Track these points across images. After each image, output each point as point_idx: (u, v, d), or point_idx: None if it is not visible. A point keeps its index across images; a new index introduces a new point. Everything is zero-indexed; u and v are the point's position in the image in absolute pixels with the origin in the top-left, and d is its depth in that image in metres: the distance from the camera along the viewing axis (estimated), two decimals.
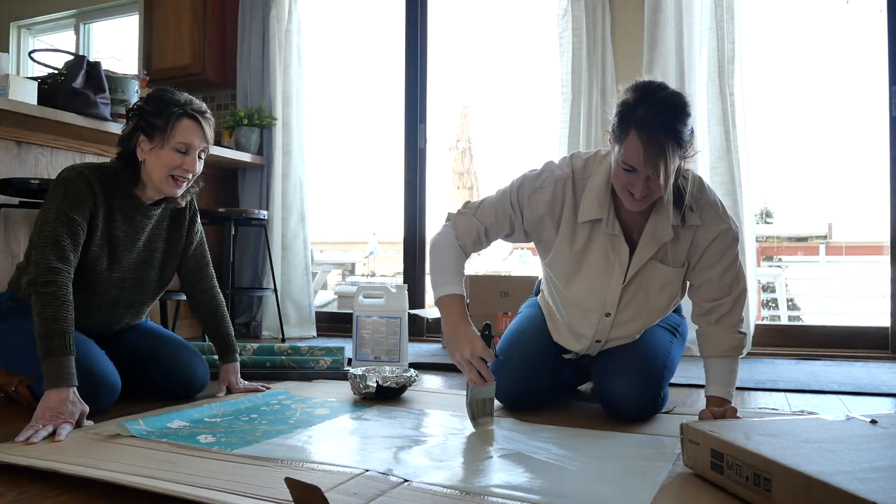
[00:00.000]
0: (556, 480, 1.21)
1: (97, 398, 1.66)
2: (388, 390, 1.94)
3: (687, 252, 1.63)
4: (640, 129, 1.42)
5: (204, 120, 1.79)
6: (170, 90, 1.80)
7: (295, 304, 3.70)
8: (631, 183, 1.48)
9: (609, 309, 1.69)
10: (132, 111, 1.80)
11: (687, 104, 1.47)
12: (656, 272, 1.65)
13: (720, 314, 1.62)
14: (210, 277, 2.07)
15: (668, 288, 1.67)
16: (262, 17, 3.81)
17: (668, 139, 1.41)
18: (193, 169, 1.79)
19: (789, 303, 5.44)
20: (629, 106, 1.46)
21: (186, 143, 1.76)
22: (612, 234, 1.62)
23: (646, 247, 1.62)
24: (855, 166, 4.72)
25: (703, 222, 1.60)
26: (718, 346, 1.61)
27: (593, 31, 3.15)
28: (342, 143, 5.39)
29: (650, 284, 1.66)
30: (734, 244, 1.62)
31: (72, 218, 1.70)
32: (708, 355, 1.63)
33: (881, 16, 2.98)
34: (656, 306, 1.70)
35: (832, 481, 0.92)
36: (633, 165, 1.45)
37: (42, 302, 1.59)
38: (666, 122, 1.42)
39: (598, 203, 1.61)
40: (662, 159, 1.42)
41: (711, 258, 1.62)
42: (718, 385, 1.60)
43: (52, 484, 1.21)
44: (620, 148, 1.46)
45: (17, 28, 4.96)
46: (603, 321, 1.71)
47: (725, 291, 1.62)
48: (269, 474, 1.20)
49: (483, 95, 6.08)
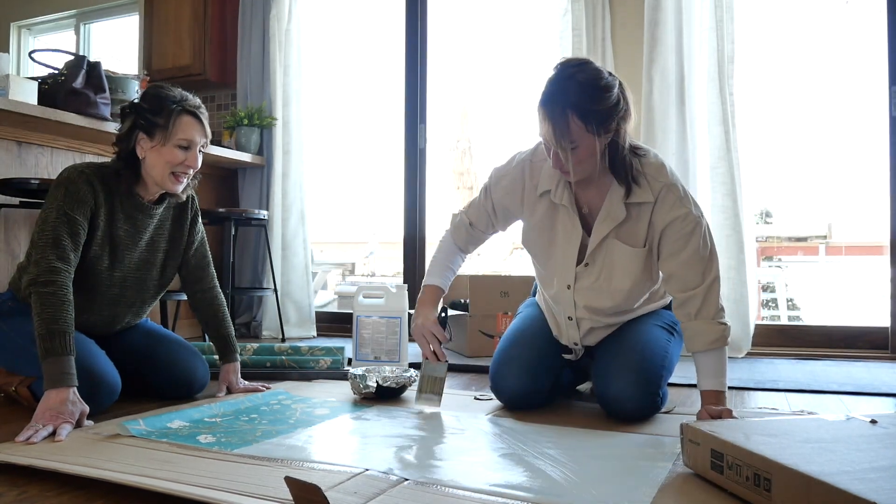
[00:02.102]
0: (556, 480, 1.21)
1: (97, 398, 1.66)
2: (388, 390, 1.94)
3: (646, 232, 1.65)
4: (544, 105, 1.52)
5: (202, 115, 1.81)
6: (164, 86, 1.80)
7: (295, 304, 3.70)
8: (552, 157, 1.58)
9: (569, 281, 1.73)
10: (127, 110, 1.80)
11: (598, 78, 1.52)
12: (616, 250, 1.68)
13: (696, 307, 1.61)
14: (211, 277, 2.07)
15: (630, 268, 1.67)
16: (262, 17, 3.81)
17: (569, 112, 1.48)
18: (195, 164, 1.80)
19: (789, 303, 5.44)
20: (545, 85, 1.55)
21: (188, 140, 1.77)
22: (560, 203, 1.69)
23: (602, 223, 1.66)
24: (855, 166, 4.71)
25: (658, 201, 1.62)
26: (702, 340, 1.61)
27: (593, 30, 3.15)
28: (342, 143, 5.38)
29: (611, 263, 1.69)
30: (698, 230, 1.62)
31: (72, 217, 1.69)
32: (694, 350, 1.62)
33: (881, 16, 2.98)
34: (619, 288, 1.70)
35: (832, 481, 0.92)
36: (546, 140, 1.55)
37: (42, 302, 1.59)
38: (570, 97, 1.49)
39: (549, 177, 1.70)
40: (566, 133, 1.50)
41: (675, 245, 1.63)
42: (710, 378, 1.60)
43: (52, 484, 1.21)
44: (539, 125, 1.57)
45: (17, 28, 4.96)
46: (566, 294, 1.75)
47: (697, 281, 1.61)
48: (269, 474, 1.20)
49: (483, 95, 6.08)
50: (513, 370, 1.80)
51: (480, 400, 1.97)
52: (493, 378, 1.86)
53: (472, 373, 2.56)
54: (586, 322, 1.79)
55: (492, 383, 1.87)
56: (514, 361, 1.81)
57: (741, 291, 2.92)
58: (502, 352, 1.87)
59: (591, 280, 1.71)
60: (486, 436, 1.55)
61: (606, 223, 1.66)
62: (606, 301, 1.73)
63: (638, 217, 1.65)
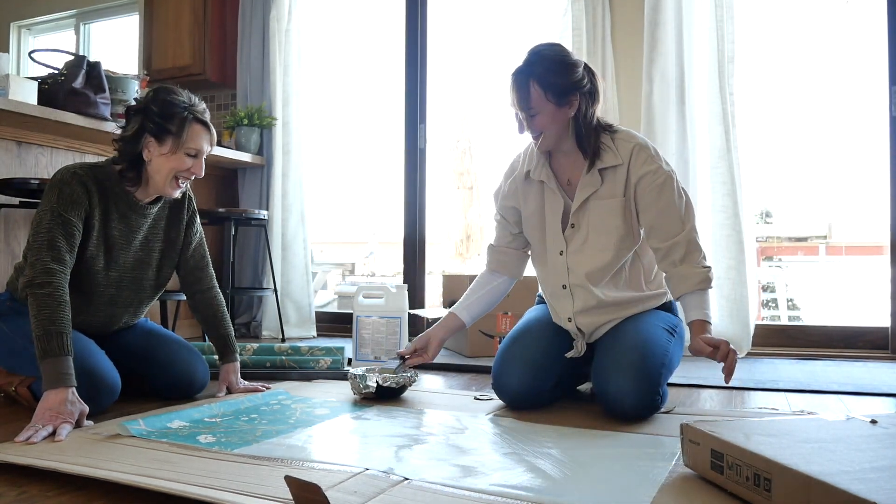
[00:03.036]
0: (556, 480, 1.21)
1: (97, 398, 1.66)
2: (387, 390, 1.94)
3: (623, 187, 1.79)
4: (512, 74, 1.74)
5: (210, 124, 1.83)
6: (173, 90, 1.80)
7: (295, 304, 3.70)
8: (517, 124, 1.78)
9: (561, 247, 1.86)
10: (135, 111, 1.79)
11: (564, 56, 1.74)
12: (598, 208, 1.81)
13: (680, 254, 1.74)
14: (210, 278, 2.07)
15: (614, 222, 1.80)
16: (262, 17, 3.81)
17: (531, 81, 1.70)
18: (200, 172, 1.82)
19: (789, 303, 5.44)
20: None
21: (198, 149, 1.78)
22: (540, 179, 1.86)
23: (582, 190, 1.81)
24: (855, 166, 4.71)
25: (631, 160, 1.78)
26: (689, 282, 1.72)
27: (593, 30, 3.15)
28: (342, 143, 5.38)
29: (596, 221, 1.81)
30: (669, 182, 1.76)
31: (67, 219, 1.69)
32: (680, 293, 1.75)
33: (881, 16, 2.98)
34: (606, 244, 1.81)
35: (832, 481, 0.92)
36: (513, 108, 1.76)
37: (39, 303, 1.59)
38: (534, 68, 1.71)
39: (530, 158, 1.89)
40: (527, 99, 1.71)
41: (649, 196, 1.76)
42: (697, 310, 1.71)
43: (52, 484, 1.21)
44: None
45: (17, 28, 4.96)
46: (559, 261, 1.86)
47: (677, 228, 1.75)
48: (269, 474, 1.20)
49: (483, 95, 6.07)
50: (515, 369, 1.81)
51: (480, 400, 1.97)
52: (495, 376, 1.87)
53: (472, 373, 2.56)
54: (580, 293, 1.84)
55: (494, 381, 1.88)
56: (516, 360, 1.83)
57: (741, 291, 2.92)
58: (505, 350, 1.88)
59: (580, 242, 1.83)
60: (486, 436, 1.55)
61: (585, 189, 1.81)
62: (597, 260, 1.82)
63: (614, 179, 1.80)
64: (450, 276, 3.37)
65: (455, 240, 6.51)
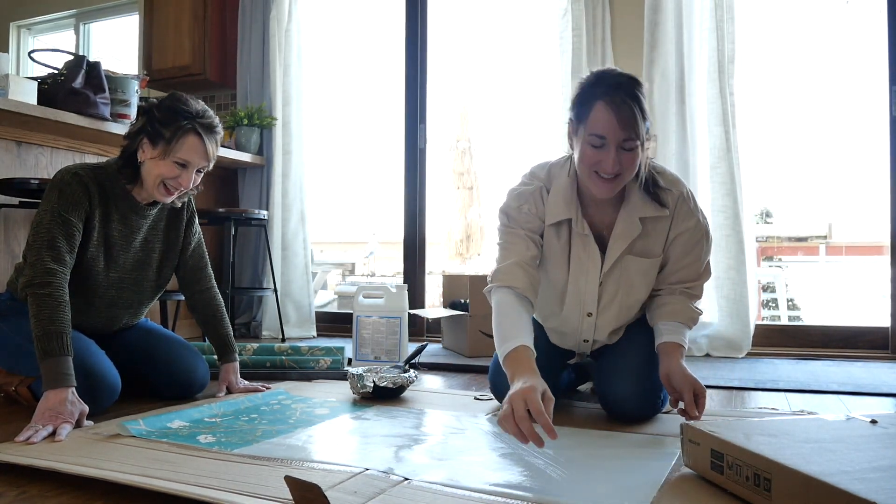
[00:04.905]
0: (556, 480, 1.21)
1: (97, 398, 1.66)
2: (385, 390, 1.93)
3: (663, 243, 1.66)
4: (606, 96, 1.44)
5: (210, 137, 1.77)
6: (184, 98, 1.77)
7: (295, 304, 3.70)
8: (600, 160, 1.47)
9: (590, 309, 1.70)
10: (143, 110, 1.78)
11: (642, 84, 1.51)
12: (633, 265, 1.65)
13: (682, 292, 1.69)
14: (209, 278, 2.07)
15: (646, 279, 1.68)
16: (262, 17, 3.81)
17: (634, 103, 1.44)
18: (187, 185, 1.78)
19: (789, 303, 5.44)
20: (587, 88, 1.49)
21: (186, 161, 1.75)
22: (582, 233, 1.62)
23: (616, 242, 1.62)
24: (855, 166, 4.72)
25: (676, 213, 1.63)
26: (677, 315, 1.65)
27: (593, 30, 3.15)
28: (342, 143, 5.39)
29: (628, 279, 1.66)
30: (703, 240, 1.66)
31: (67, 219, 1.69)
32: (664, 320, 1.66)
33: (881, 16, 2.98)
34: (637, 300, 1.71)
35: (832, 481, 0.92)
36: (604, 133, 1.44)
37: (38, 303, 1.59)
38: (629, 90, 1.45)
39: (564, 203, 1.61)
40: (633, 121, 1.43)
41: (680, 250, 1.67)
42: (675, 335, 1.63)
43: (52, 484, 1.21)
44: (586, 124, 1.47)
45: (17, 28, 4.96)
46: (586, 321, 1.72)
47: (691, 278, 1.68)
48: (269, 474, 1.20)
49: (483, 95, 6.08)
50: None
51: (480, 400, 1.96)
52: (491, 381, 1.86)
53: (472, 373, 2.56)
54: (600, 341, 1.78)
55: (491, 387, 1.87)
56: None
57: (741, 291, 2.92)
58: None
59: (608, 300, 1.69)
60: (486, 436, 1.55)
61: (621, 241, 1.61)
62: (622, 318, 1.73)
63: (653, 230, 1.63)
64: (450, 276, 3.37)
65: (455, 240, 6.51)
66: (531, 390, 1.25)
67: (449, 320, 3.13)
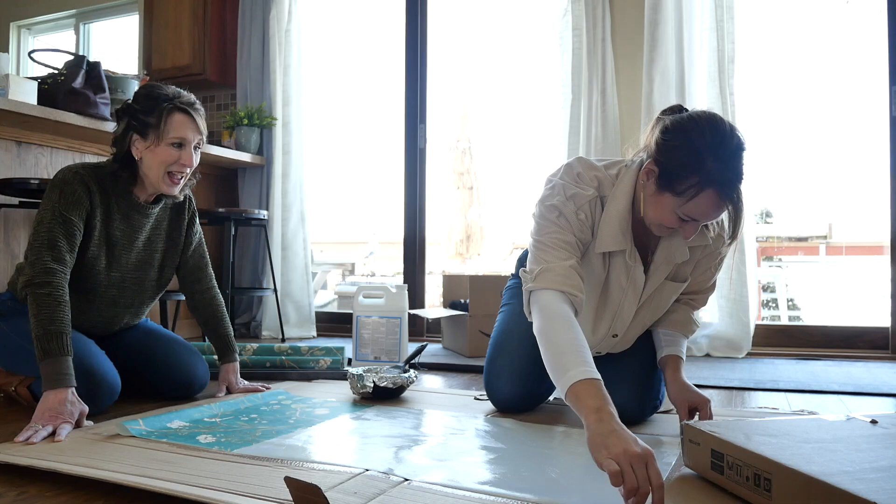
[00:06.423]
0: (556, 480, 1.21)
1: (97, 398, 1.66)
2: (384, 391, 1.93)
3: (692, 266, 1.64)
4: (719, 187, 1.33)
5: (195, 112, 1.79)
6: (157, 85, 1.79)
7: (295, 304, 3.70)
8: (683, 229, 1.41)
9: (617, 331, 1.67)
10: (122, 111, 1.79)
11: None
12: (666, 289, 1.63)
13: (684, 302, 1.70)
14: (209, 278, 2.07)
15: (671, 299, 1.67)
16: (262, 17, 3.81)
17: (739, 192, 1.38)
18: (190, 163, 1.79)
19: (789, 303, 5.44)
20: (697, 154, 1.35)
21: (181, 138, 1.75)
22: (633, 264, 1.55)
23: (659, 269, 1.58)
24: (855, 166, 4.72)
25: (713, 242, 1.59)
26: (678, 325, 1.68)
27: (593, 30, 3.15)
28: (342, 143, 5.39)
29: (659, 301, 1.65)
30: (722, 261, 1.68)
31: (68, 219, 1.69)
32: (664, 327, 1.69)
33: (881, 16, 2.98)
34: (653, 317, 1.70)
35: (832, 481, 0.92)
36: (701, 219, 1.37)
37: (38, 303, 1.59)
38: (739, 174, 1.39)
39: (620, 233, 1.50)
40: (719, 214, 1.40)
41: (701, 268, 1.66)
42: (674, 347, 1.65)
43: (51, 484, 1.20)
44: (684, 200, 1.35)
45: (17, 28, 4.96)
46: (609, 340, 1.71)
47: (699, 289, 1.70)
48: (269, 474, 1.20)
49: (483, 95, 6.08)
50: (503, 381, 1.77)
51: (480, 400, 1.96)
52: (485, 386, 1.85)
53: (472, 373, 2.56)
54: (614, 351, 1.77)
55: (486, 390, 1.86)
56: (503, 372, 1.77)
57: (741, 291, 2.92)
58: (491, 361, 1.82)
59: (637, 321, 1.67)
60: (485, 436, 1.55)
61: (665, 266, 1.57)
62: (639, 329, 1.72)
63: (693, 258, 1.61)
64: (450, 276, 3.37)
65: (455, 240, 6.52)
66: (652, 456, 1.08)
67: (449, 320, 3.13)
